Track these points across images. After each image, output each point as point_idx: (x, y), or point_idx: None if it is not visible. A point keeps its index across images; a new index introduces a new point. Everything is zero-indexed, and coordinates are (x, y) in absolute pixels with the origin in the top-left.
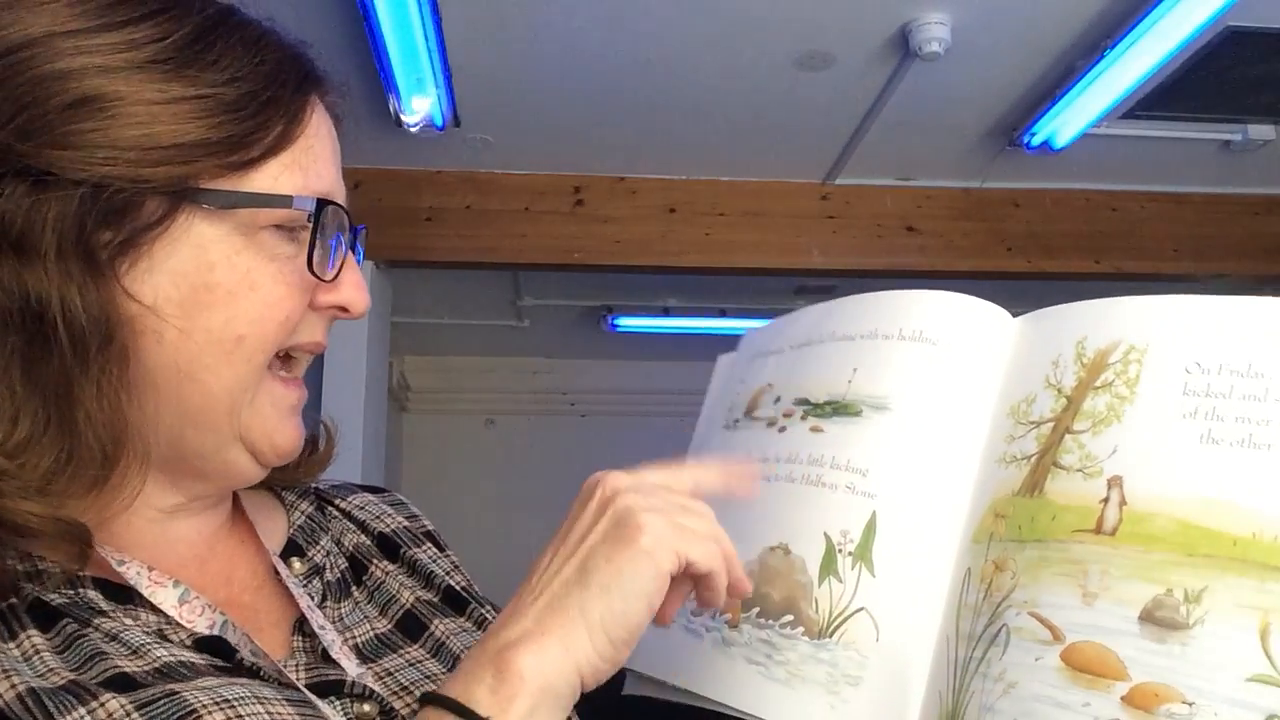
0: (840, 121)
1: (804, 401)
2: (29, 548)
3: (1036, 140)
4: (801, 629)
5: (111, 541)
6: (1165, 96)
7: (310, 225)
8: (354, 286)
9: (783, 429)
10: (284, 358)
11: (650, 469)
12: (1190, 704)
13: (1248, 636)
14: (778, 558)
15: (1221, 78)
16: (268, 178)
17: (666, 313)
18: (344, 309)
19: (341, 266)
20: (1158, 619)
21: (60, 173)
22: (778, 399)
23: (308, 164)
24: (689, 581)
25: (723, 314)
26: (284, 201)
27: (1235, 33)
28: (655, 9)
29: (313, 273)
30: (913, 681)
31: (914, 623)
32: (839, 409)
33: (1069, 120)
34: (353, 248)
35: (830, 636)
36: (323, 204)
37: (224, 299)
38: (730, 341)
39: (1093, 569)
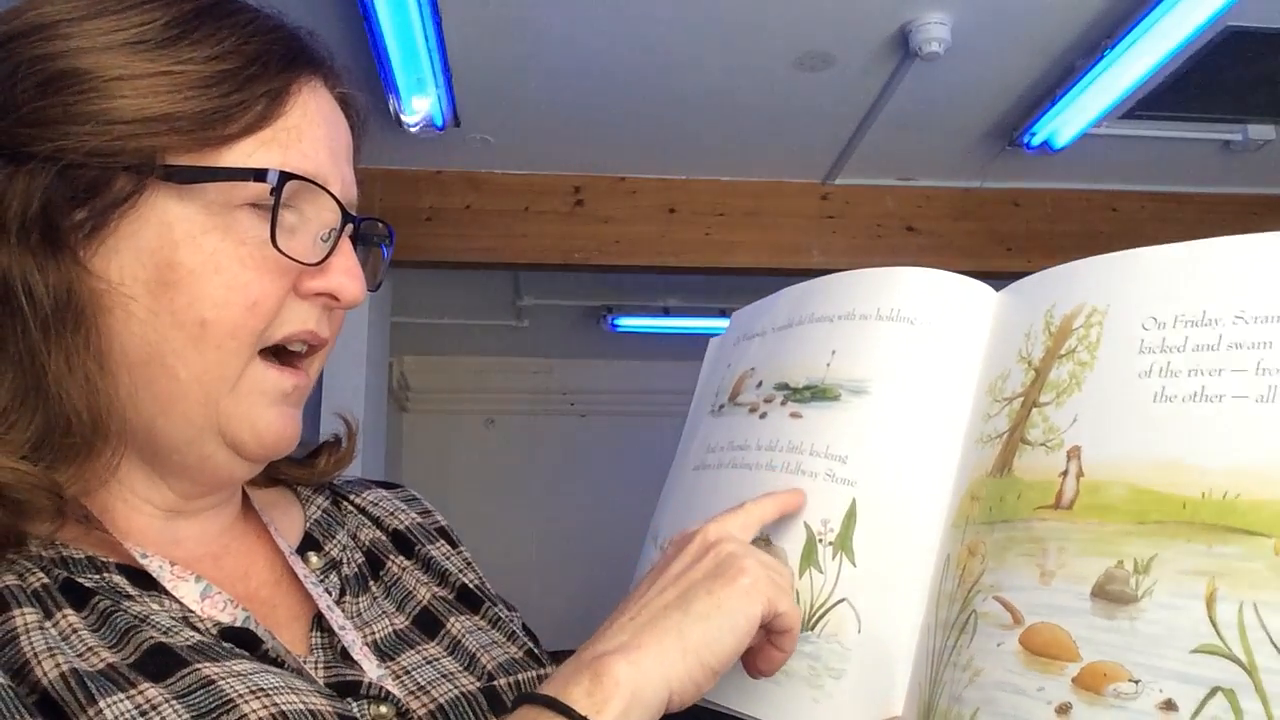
0: (840, 121)
1: (784, 386)
2: (11, 517)
3: (1036, 140)
4: None
5: (130, 538)
6: (1165, 96)
7: (278, 201)
8: (344, 272)
9: (764, 415)
10: (275, 351)
11: (725, 516)
12: (1137, 681)
13: (1194, 605)
14: (759, 549)
15: (1221, 78)
16: (241, 155)
17: (666, 313)
18: (334, 297)
19: (331, 252)
20: (1108, 593)
21: (27, 149)
22: (759, 384)
23: (288, 143)
24: (763, 634)
25: (723, 314)
26: (244, 175)
27: (1235, 33)
28: (655, 9)
29: (278, 249)
30: (896, 673)
31: (895, 612)
32: (817, 393)
33: (1069, 120)
34: (354, 236)
35: (812, 629)
36: (287, 177)
37: (187, 279)
38: None
39: (1051, 546)
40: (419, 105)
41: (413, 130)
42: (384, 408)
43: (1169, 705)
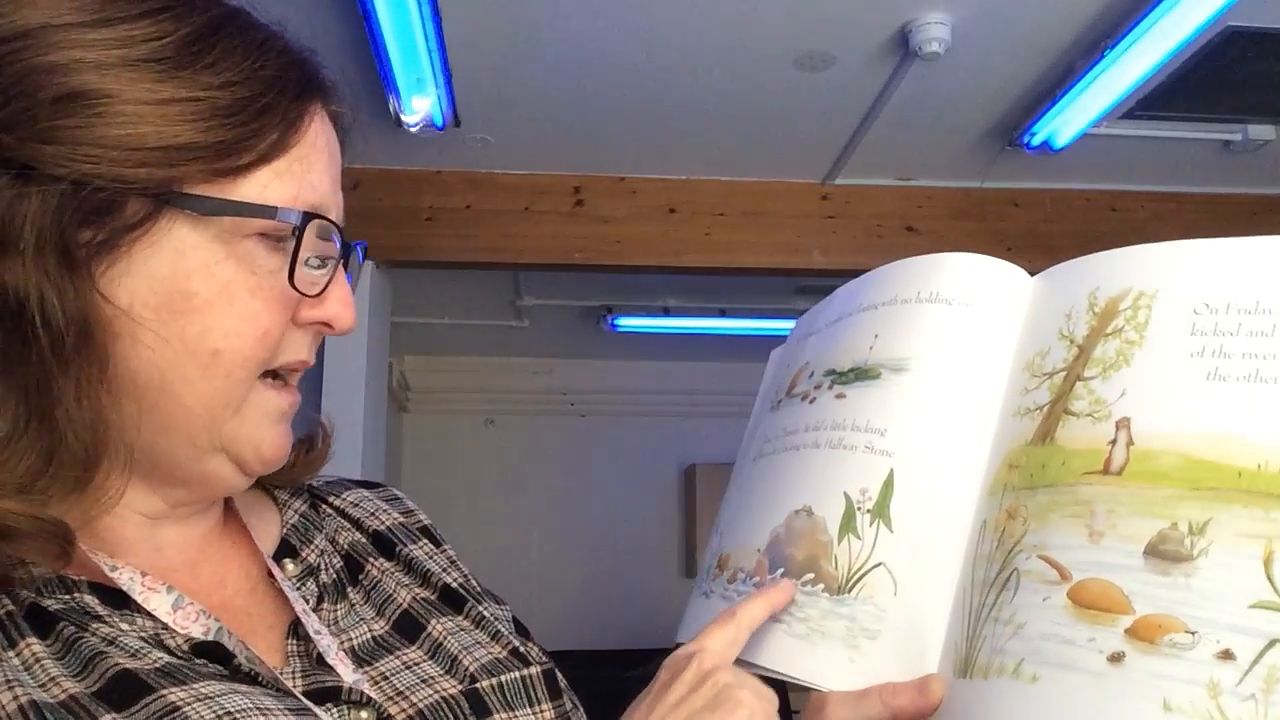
0: (840, 121)
1: (832, 372)
2: (11, 550)
3: (1036, 140)
4: (822, 586)
5: (103, 548)
6: (1165, 96)
7: (300, 241)
8: (340, 302)
9: (812, 400)
10: (271, 375)
11: (713, 632)
12: (1193, 633)
13: (1251, 564)
14: (801, 520)
15: (1221, 78)
16: (256, 186)
17: (666, 313)
18: (328, 325)
19: (329, 282)
20: (1162, 552)
21: (42, 168)
22: (811, 374)
23: (301, 174)
24: None
25: (723, 314)
26: (268, 212)
27: (1235, 33)
28: (655, 9)
29: (295, 289)
30: (930, 633)
31: (931, 576)
32: (860, 374)
33: (1069, 120)
34: (346, 262)
35: (849, 592)
36: (309, 217)
37: (201, 309)
38: (730, 341)
39: (1099, 508)
40: (419, 105)
41: (413, 130)
42: (384, 408)
43: (1227, 655)
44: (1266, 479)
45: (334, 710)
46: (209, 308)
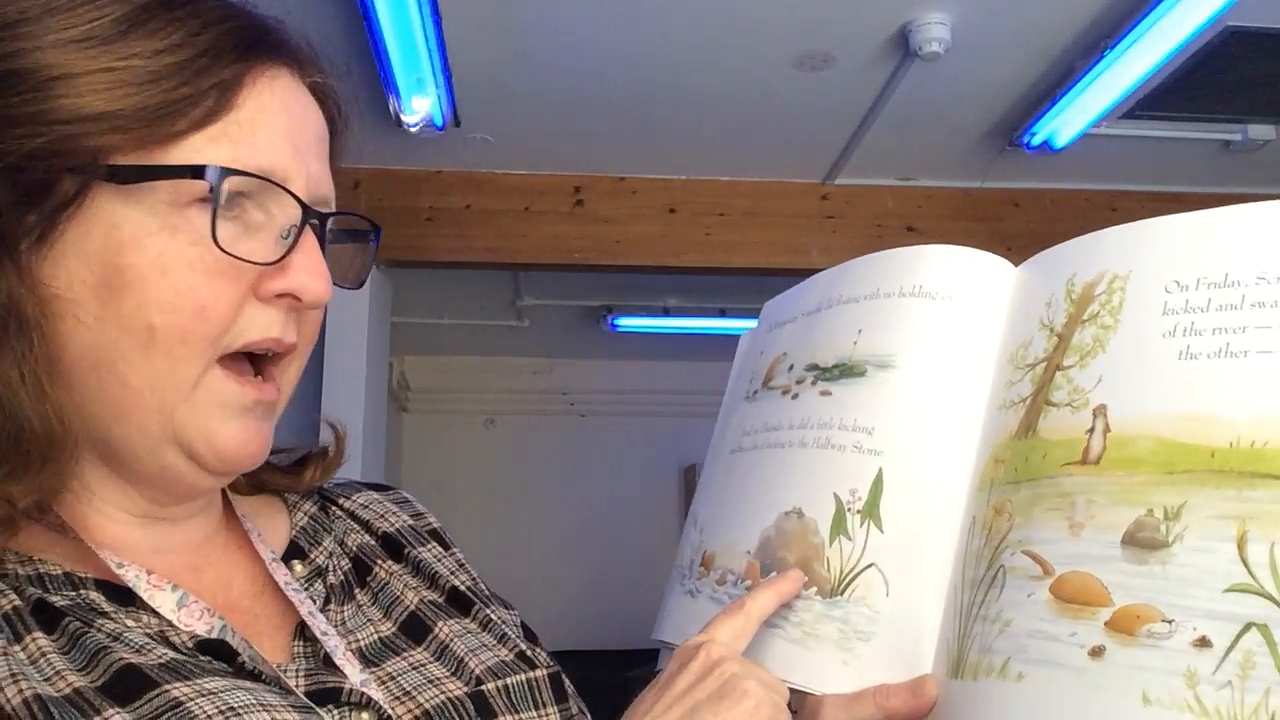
0: (840, 121)
1: (814, 367)
2: None
3: (1036, 140)
4: (814, 589)
5: (107, 548)
6: (1165, 96)
7: (218, 199)
8: (305, 271)
9: (795, 396)
10: (247, 357)
11: (722, 622)
12: (1170, 621)
13: (1225, 547)
14: (792, 522)
15: (1221, 78)
16: (189, 152)
17: (666, 313)
18: (296, 297)
19: (291, 250)
20: (1139, 540)
21: None
22: (791, 367)
23: (242, 138)
24: None
25: (723, 314)
26: (186, 172)
27: (1235, 33)
28: (655, 9)
29: (221, 249)
30: (923, 633)
31: (923, 575)
32: (845, 370)
33: (1069, 120)
34: (331, 231)
35: (842, 594)
36: (229, 173)
37: (134, 283)
38: (730, 341)
39: (1079, 499)
40: (419, 105)
41: (413, 130)
42: (384, 408)
43: (1203, 642)
44: (1238, 456)
45: (335, 712)
46: (142, 281)
